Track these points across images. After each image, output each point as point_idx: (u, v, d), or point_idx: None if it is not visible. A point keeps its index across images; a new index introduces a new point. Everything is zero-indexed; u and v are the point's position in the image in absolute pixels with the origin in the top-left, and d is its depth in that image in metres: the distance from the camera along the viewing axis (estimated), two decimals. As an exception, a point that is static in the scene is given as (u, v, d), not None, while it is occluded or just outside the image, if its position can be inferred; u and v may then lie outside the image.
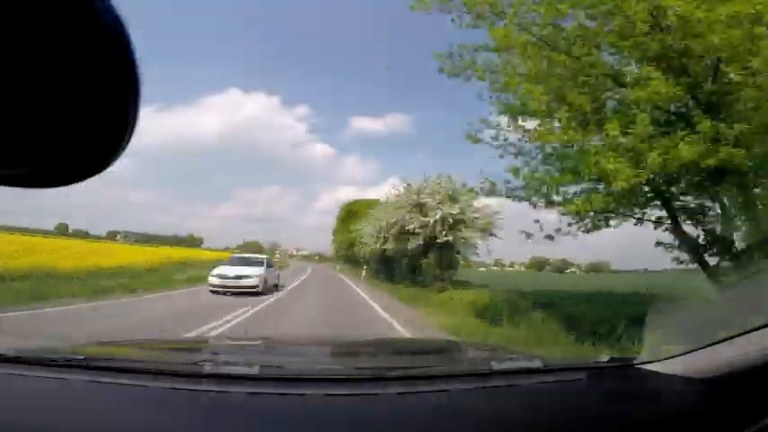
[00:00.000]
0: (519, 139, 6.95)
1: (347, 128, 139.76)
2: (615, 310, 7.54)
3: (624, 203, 6.13)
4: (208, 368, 1.10)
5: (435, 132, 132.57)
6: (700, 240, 6.03)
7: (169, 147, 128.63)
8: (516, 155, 6.97)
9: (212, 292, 11.49)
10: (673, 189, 6.21)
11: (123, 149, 0.42)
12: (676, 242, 6.35)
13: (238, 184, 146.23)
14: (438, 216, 15.02)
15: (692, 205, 6.34)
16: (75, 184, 0.45)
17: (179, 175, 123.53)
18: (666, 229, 6.47)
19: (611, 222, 6.76)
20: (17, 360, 1.15)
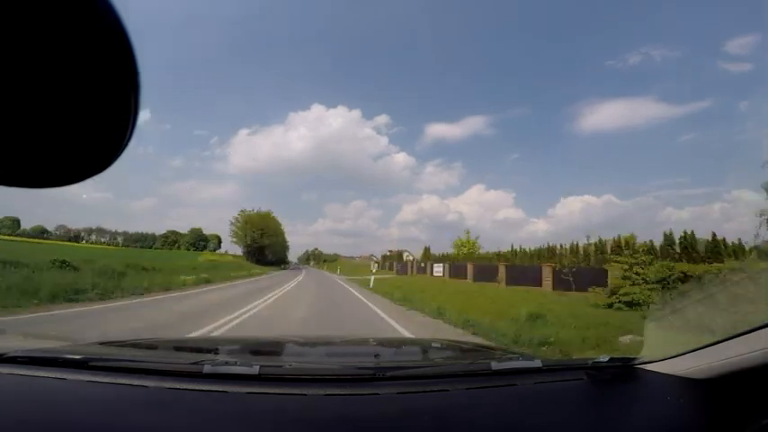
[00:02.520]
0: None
1: (425, 135, 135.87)
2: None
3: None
4: (208, 368, 1.10)
5: (519, 133, 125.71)
6: None
7: (263, 168, 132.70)
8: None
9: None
10: None
11: (123, 149, 0.43)
12: None
13: (327, 200, 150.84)
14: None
15: None
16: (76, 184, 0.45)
17: (274, 194, 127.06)
18: None
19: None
20: (18, 360, 1.15)
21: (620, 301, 10.44)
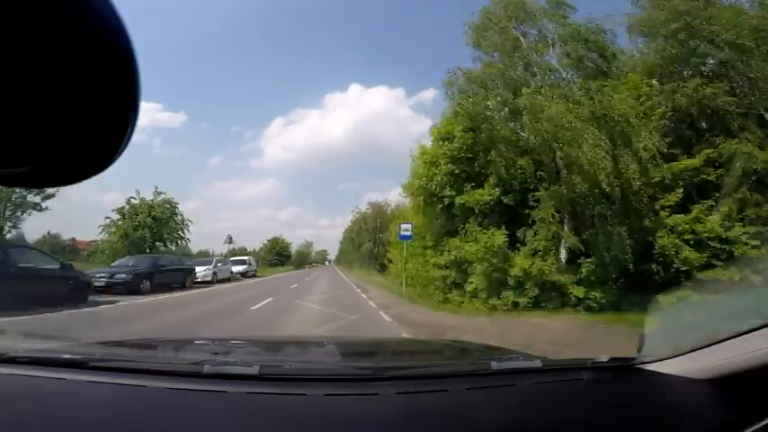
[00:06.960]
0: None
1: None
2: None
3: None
4: (208, 368, 1.10)
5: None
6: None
7: (299, 159, 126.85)
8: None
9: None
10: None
11: (123, 149, 0.43)
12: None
13: (367, 190, 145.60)
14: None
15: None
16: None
17: (310, 186, 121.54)
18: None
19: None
20: (18, 360, 1.15)
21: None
